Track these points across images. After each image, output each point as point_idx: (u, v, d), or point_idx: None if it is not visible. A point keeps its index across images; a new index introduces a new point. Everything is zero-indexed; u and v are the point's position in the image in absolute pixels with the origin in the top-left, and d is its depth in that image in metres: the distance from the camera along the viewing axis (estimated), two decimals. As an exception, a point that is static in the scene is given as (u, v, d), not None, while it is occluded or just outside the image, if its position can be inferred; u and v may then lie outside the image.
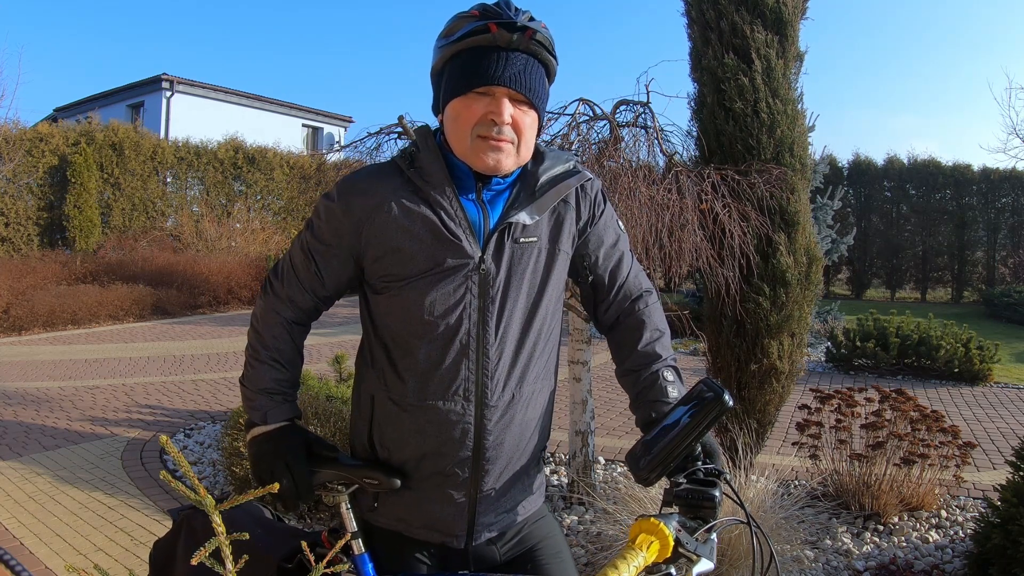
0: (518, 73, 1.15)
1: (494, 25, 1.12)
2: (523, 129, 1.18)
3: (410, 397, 1.20)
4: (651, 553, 0.94)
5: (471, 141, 1.16)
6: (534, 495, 1.33)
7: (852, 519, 3.44)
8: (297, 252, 1.29)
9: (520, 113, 1.17)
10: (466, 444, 1.20)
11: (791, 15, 3.66)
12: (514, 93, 1.15)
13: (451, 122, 1.19)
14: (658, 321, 1.35)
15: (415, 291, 1.19)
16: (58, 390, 6.20)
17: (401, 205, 1.19)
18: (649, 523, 0.97)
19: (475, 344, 1.19)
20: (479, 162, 1.17)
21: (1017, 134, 14.22)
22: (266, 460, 1.25)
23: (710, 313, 3.74)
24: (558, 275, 1.28)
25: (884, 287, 16.69)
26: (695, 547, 0.99)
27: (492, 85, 1.14)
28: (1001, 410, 6.06)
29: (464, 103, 1.16)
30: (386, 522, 1.27)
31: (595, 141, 3.54)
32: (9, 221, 12.70)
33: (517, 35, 1.13)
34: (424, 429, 1.20)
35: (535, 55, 1.17)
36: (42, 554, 3.04)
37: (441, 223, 1.18)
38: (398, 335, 1.22)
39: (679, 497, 1.05)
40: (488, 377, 1.20)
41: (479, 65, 1.14)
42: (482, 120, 1.15)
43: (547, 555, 1.31)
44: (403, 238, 1.18)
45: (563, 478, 3.95)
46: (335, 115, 23.19)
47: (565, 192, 1.26)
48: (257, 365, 1.30)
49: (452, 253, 1.18)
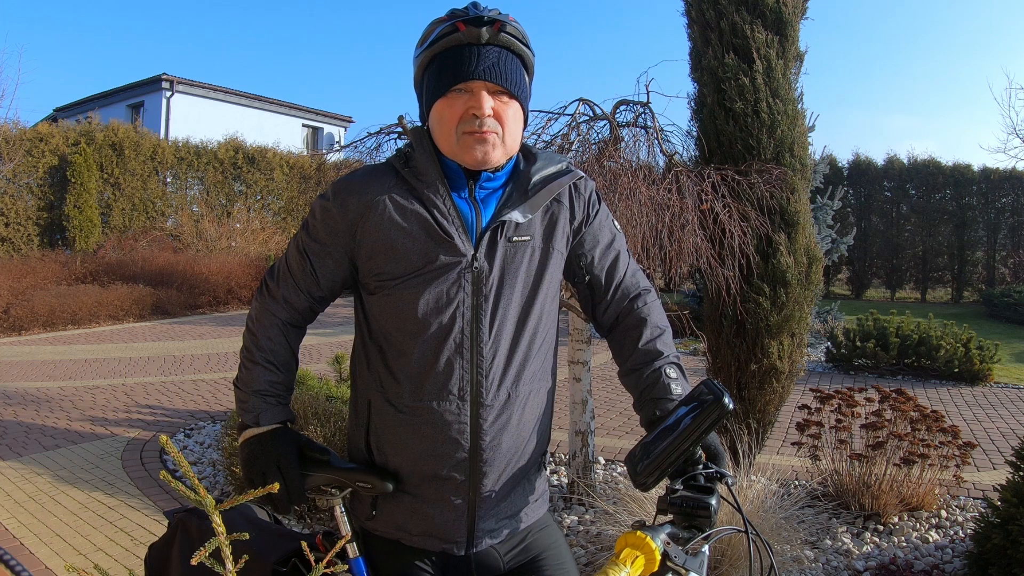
0: (492, 65, 1.16)
1: (461, 23, 1.15)
2: (505, 120, 1.19)
3: (405, 398, 1.20)
4: (635, 568, 0.91)
5: (457, 139, 1.18)
6: (536, 501, 1.32)
7: (852, 519, 3.43)
8: (293, 252, 1.30)
9: (501, 104, 1.18)
10: (462, 445, 1.19)
11: (791, 15, 3.66)
12: (491, 85, 1.17)
13: (436, 124, 1.21)
14: (658, 319, 1.34)
15: (408, 290, 1.19)
16: (58, 390, 6.20)
17: (395, 203, 1.21)
18: (635, 537, 0.94)
19: (469, 343, 1.19)
20: (467, 157, 1.19)
21: (1017, 134, 14.22)
22: (258, 462, 1.25)
23: (710, 313, 3.74)
24: (552, 274, 1.27)
25: (884, 287, 16.69)
26: (683, 561, 0.95)
27: (468, 80, 1.16)
28: (1001, 410, 6.06)
29: (445, 103, 1.18)
30: (385, 530, 1.26)
31: (595, 141, 3.54)
32: (9, 221, 12.70)
33: (486, 28, 1.15)
34: (420, 430, 1.20)
35: (508, 47, 1.19)
36: (42, 554, 3.04)
37: (434, 220, 1.19)
38: (392, 335, 1.22)
39: (673, 505, 1.03)
40: (483, 376, 1.19)
41: (453, 64, 1.16)
42: (464, 116, 1.17)
43: (551, 565, 1.29)
44: (396, 235, 1.19)
45: (563, 478, 3.94)
46: (335, 115, 23.19)
47: (558, 190, 1.27)
48: (251, 367, 1.30)
49: (444, 250, 1.18)
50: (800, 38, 3.76)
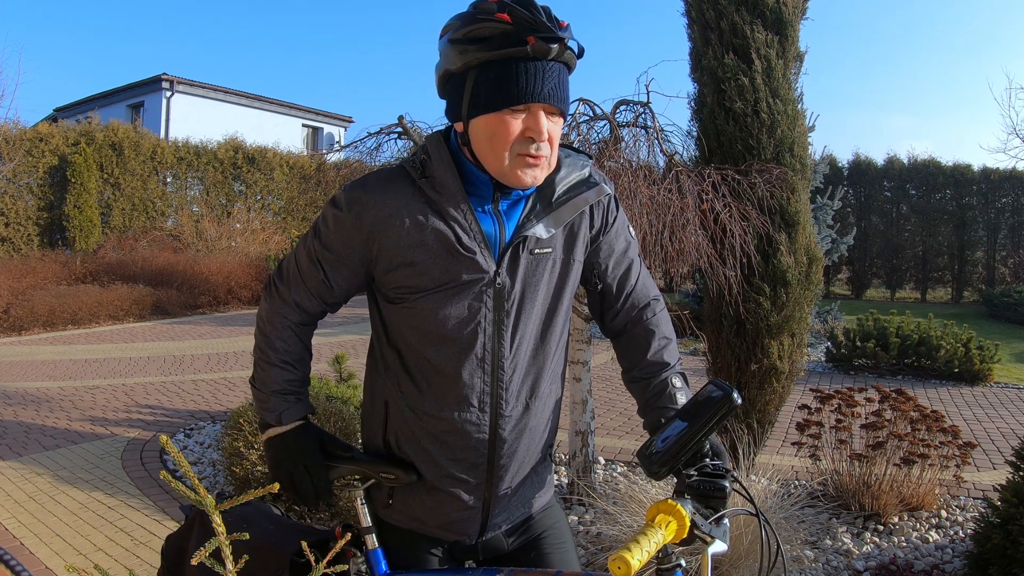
0: (555, 87, 1.10)
1: (533, 38, 1.06)
2: (555, 141, 1.15)
3: (426, 406, 1.21)
4: (669, 532, 0.99)
5: (509, 160, 1.12)
6: (544, 489, 1.36)
7: (852, 519, 3.43)
8: (304, 259, 1.26)
9: (553, 126, 1.14)
10: (481, 452, 1.21)
11: (791, 15, 3.66)
12: (550, 107, 1.12)
13: (484, 139, 1.12)
14: (665, 329, 1.35)
15: (430, 304, 1.17)
16: (58, 390, 6.20)
17: (414, 218, 1.15)
18: (667, 504, 1.02)
19: (490, 357, 1.19)
20: (516, 181, 1.13)
21: (1017, 134, 14.23)
22: (285, 460, 1.27)
23: (710, 313, 3.74)
24: (572, 284, 1.28)
25: (884, 287, 16.68)
26: (709, 529, 1.04)
27: (532, 103, 1.09)
28: (1001, 410, 6.06)
29: (499, 120, 1.10)
30: (401, 520, 1.28)
31: (595, 141, 3.54)
32: (9, 221, 12.70)
33: (555, 46, 1.08)
34: (439, 437, 1.21)
35: (567, 63, 1.13)
36: (42, 554, 3.04)
37: (455, 238, 1.15)
38: (412, 344, 1.21)
39: (691, 487, 1.08)
40: (503, 389, 1.20)
41: (516, 80, 1.08)
42: (520, 138, 1.11)
43: (551, 544, 1.33)
44: (416, 252, 1.16)
45: (563, 478, 3.95)
46: (335, 115, 23.18)
47: (583, 207, 1.24)
48: (268, 368, 1.30)
49: (467, 268, 1.16)
50: (800, 38, 3.76)
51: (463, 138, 1.16)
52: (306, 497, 1.26)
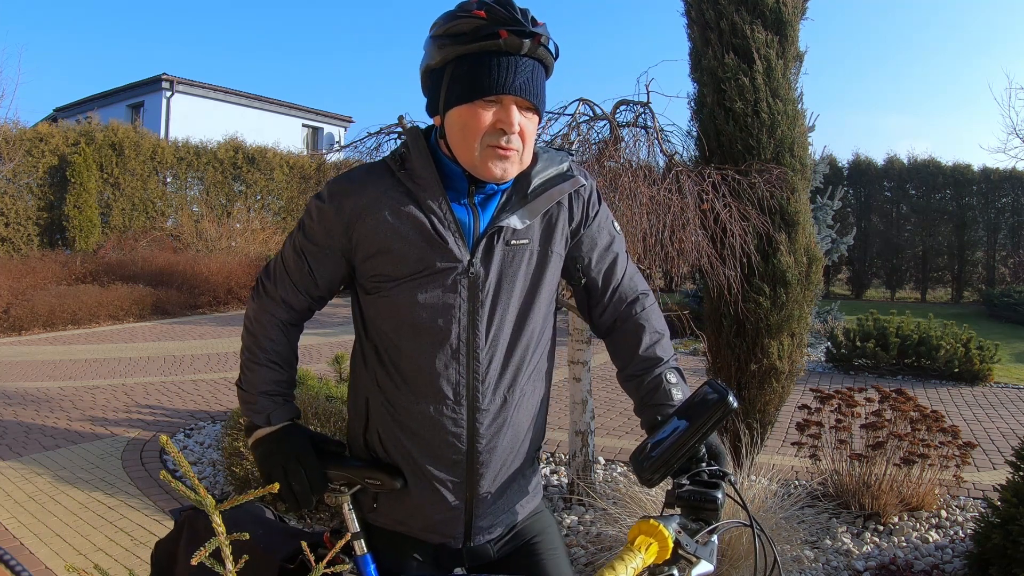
0: (527, 81, 1.13)
1: (505, 32, 1.09)
2: (527, 136, 1.17)
3: (403, 400, 1.21)
4: (649, 555, 0.94)
5: (479, 151, 1.14)
6: (530, 495, 1.33)
7: (852, 519, 3.44)
8: (289, 253, 1.29)
9: (525, 120, 1.15)
10: (459, 448, 1.20)
11: (791, 15, 3.66)
12: (522, 101, 1.14)
13: (457, 130, 1.15)
14: (656, 323, 1.33)
15: (404, 293, 1.18)
16: (58, 390, 6.20)
17: (391, 207, 1.18)
18: (648, 524, 0.97)
19: (465, 348, 1.19)
20: (487, 172, 1.15)
21: (1017, 134, 14.19)
22: (277, 459, 1.26)
23: (710, 313, 3.74)
24: (551, 277, 1.27)
25: (884, 287, 16.68)
26: (695, 549, 0.98)
27: (502, 94, 1.12)
28: (1001, 410, 6.06)
29: (471, 111, 1.13)
30: (386, 523, 1.28)
31: (595, 141, 3.54)
32: (9, 221, 12.70)
33: (527, 41, 1.11)
34: (417, 432, 1.20)
35: (541, 59, 1.15)
36: (42, 554, 3.04)
37: (431, 225, 1.17)
38: (388, 336, 1.22)
39: (681, 499, 1.05)
40: (479, 381, 1.20)
41: (488, 72, 1.11)
42: (491, 129, 1.13)
43: (542, 551, 1.31)
44: (393, 239, 1.18)
45: (563, 478, 3.94)
46: (335, 115, 23.19)
47: (558, 197, 1.24)
48: (256, 368, 1.30)
49: (440, 256, 1.17)
50: (800, 38, 3.76)
51: (440, 132, 1.19)
52: (302, 493, 1.24)
